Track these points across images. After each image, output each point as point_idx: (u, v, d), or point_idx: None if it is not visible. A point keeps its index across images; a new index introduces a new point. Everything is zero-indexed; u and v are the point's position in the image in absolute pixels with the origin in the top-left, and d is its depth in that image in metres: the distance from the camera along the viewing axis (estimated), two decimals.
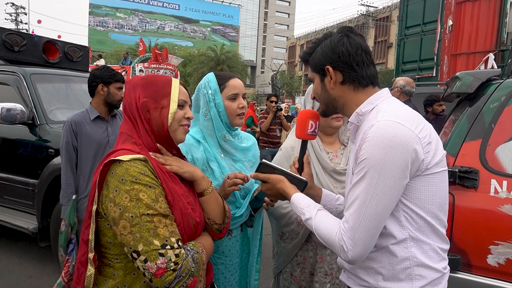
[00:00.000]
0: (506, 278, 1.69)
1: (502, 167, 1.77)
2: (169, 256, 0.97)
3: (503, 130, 1.82)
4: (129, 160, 1.02)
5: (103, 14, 51.38)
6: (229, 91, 1.54)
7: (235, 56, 35.87)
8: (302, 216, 1.18)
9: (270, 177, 1.28)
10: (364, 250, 1.04)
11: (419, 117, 1.08)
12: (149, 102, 1.11)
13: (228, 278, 1.58)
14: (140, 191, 0.99)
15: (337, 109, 1.21)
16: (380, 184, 1.00)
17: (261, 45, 63.51)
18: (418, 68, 9.46)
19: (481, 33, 6.92)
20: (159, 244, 0.97)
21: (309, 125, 1.31)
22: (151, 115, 1.11)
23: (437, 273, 1.09)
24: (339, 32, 1.15)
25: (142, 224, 0.97)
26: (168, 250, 0.97)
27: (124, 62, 14.56)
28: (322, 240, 1.12)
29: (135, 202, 0.98)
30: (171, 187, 1.08)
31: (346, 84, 1.14)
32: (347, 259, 1.05)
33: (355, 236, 1.02)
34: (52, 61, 4.37)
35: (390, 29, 34.80)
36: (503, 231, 1.69)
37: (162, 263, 0.96)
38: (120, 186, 0.99)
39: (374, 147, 1.00)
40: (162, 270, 0.96)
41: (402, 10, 10.15)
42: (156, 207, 1.00)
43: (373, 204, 1.01)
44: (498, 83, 1.95)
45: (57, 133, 3.28)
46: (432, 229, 1.08)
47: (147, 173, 1.02)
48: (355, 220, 1.03)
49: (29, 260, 3.56)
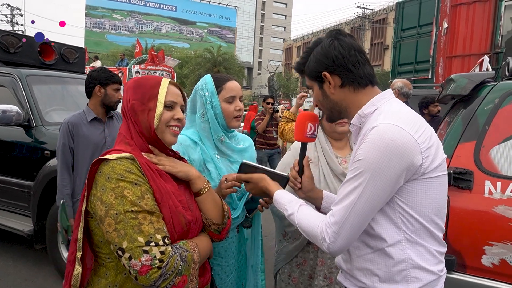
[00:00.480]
0: (500, 278, 1.71)
1: (496, 169, 1.79)
2: (154, 253, 0.96)
3: (497, 132, 1.84)
4: (116, 159, 1.03)
5: (100, 16, 51.24)
6: (226, 94, 1.55)
7: (232, 58, 35.88)
8: (285, 212, 1.20)
9: (252, 177, 1.31)
10: (345, 245, 1.06)
11: (421, 120, 1.08)
12: (136, 104, 1.12)
13: (224, 280, 1.59)
14: (125, 188, 0.99)
15: (341, 113, 1.20)
16: (372, 186, 1.01)
17: (258, 46, 63.60)
18: (414, 70, 9.51)
19: (476, 36, 6.98)
20: (143, 241, 0.96)
21: (308, 128, 1.30)
22: (139, 117, 1.12)
23: (433, 275, 1.09)
24: (328, 36, 1.15)
25: (127, 221, 0.97)
26: (152, 247, 0.96)
27: (121, 63, 14.53)
28: (304, 233, 1.14)
29: (119, 199, 0.98)
30: (160, 185, 1.08)
31: (345, 87, 1.14)
32: (328, 250, 1.08)
33: (339, 231, 1.05)
34: (48, 62, 4.35)
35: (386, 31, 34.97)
36: (497, 232, 1.70)
37: (147, 260, 0.95)
38: (106, 184, 1.00)
39: (371, 149, 1.00)
40: (146, 268, 0.95)
41: (398, 13, 10.21)
42: (141, 204, 0.99)
43: (361, 203, 1.03)
44: (492, 85, 1.97)
45: (53, 135, 3.26)
46: (428, 232, 1.08)
47: (133, 171, 1.03)
48: (342, 215, 1.05)
49: (25, 263, 3.54)
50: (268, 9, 65.00)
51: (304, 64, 1.19)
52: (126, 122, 1.14)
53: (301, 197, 1.34)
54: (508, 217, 1.69)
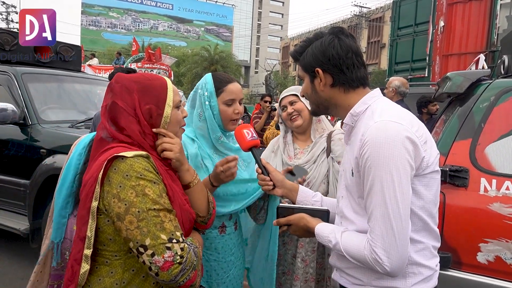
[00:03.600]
0: (496, 275, 1.72)
1: (491, 166, 1.80)
2: (176, 250, 0.99)
3: (492, 130, 1.85)
4: (133, 157, 1.03)
5: (96, 14, 50.95)
6: (226, 96, 1.54)
7: (229, 56, 35.78)
8: (329, 244, 1.13)
9: (290, 219, 1.25)
10: (400, 257, 0.99)
11: (413, 117, 1.09)
12: (152, 109, 1.12)
13: (221, 276, 1.59)
14: (146, 187, 1.01)
15: (329, 110, 1.21)
16: (391, 181, 0.98)
17: (255, 45, 63.52)
18: (410, 68, 9.56)
19: (472, 34, 7.02)
20: (166, 238, 0.99)
21: (245, 134, 1.43)
22: (154, 121, 1.13)
23: (430, 270, 1.10)
24: (330, 33, 1.15)
25: (149, 218, 0.99)
26: (174, 244, 1.00)
27: (117, 61, 14.47)
28: (355, 260, 1.07)
29: (141, 197, 1.00)
30: (171, 184, 1.11)
31: (336, 87, 1.14)
32: (386, 271, 1.00)
33: (386, 244, 0.98)
34: (44, 60, 4.32)
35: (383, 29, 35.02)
36: (493, 229, 1.72)
37: (169, 257, 0.98)
38: (124, 181, 1.01)
39: (376, 148, 1.00)
40: (169, 264, 0.98)
41: (394, 11, 10.25)
42: (162, 202, 1.02)
43: (394, 204, 0.98)
44: (488, 83, 1.98)
45: (49, 133, 3.25)
46: (428, 229, 1.10)
47: (151, 170, 1.04)
48: (381, 226, 0.99)
49: (21, 262, 3.52)
50: (265, 7, 64.91)
51: (301, 54, 1.19)
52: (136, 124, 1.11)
53: (279, 194, 1.39)
54: (503, 215, 1.70)
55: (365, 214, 1.07)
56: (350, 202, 1.15)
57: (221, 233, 1.59)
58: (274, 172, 1.38)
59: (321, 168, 1.80)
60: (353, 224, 1.13)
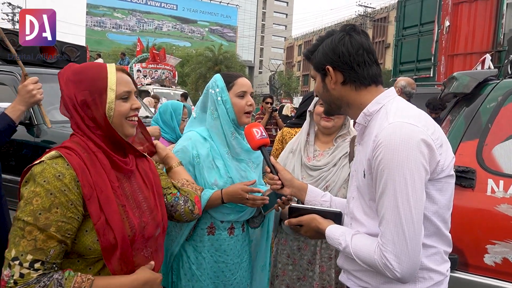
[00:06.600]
0: (503, 277, 1.70)
1: (499, 167, 1.78)
2: (14, 272, 0.91)
3: (500, 130, 1.83)
4: (50, 159, 1.00)
5: (101, 14, 51.21)
6: (238, 89, 1.57)
7: (233, 57, 35.84)
8: (339, 246, 1.11)
9: (302, 219, 1.23)
10: (411, 263, 0.96)
11: (429, 119, 1.06)
12: (87, 99, 1.04)
13: (229, 277, 1.60)
14: (37, 196, 0.94)
15: (341, 109, 1.18)
16: (404, 185, 0.95)
17: (259, 45, 63.51)
18: (415, 68, 9.50)
19: (478, 34, 6.96)
20: (12, 255, 0.92)
21: (255, 132, 1.43)
22: (94, 111, 1.05)
23: (440, 275, 1.08)
24: (342, 30, 1.13)
25: (15, 228, 0.94)
26: (16, 265, 0.91)
27: (122, 62, 14.53)
28: (365, 264, 1.05)
29: (25, 205, 0.95)
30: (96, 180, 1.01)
31: (347, 85, 1.12)
32: (396, 277, 0.97)
33: (396, 250, 0.95)
34: (50, 60, 4.35)
35: (388, 29, 34.90)
36: (500, 231, 1.70)
37: (6, 276, 0.91)
38: (30, 184, 0.98)
39: (390, 151, 0.97)
40: (3, 283, 0.92)
41: (399, 11, 10.20)
42: (38, 217, 0.92)
43: (406, 209, 0.95)
44: (495, 83, 1.97)
45: (54, 133, 3.26)
46: (440, 234, 1.08)
47: (62, 177, 0.96)
48: (393, 230, 0.96)
49: None
50: (269, 7, 64.90)
51: (312, 52, 1.18)
52: (76, 117, 1.06)
53: (287, 193, 1.37)
54: (511, 216, 1.68)
55: (375, 216, 1.05)
56: (360, 204, 1.13)
57: (230, 235, 1.60)
58: (283, 171, 1.36)
59: (342, 172, 1.77)
60: (363, 226, 1.11)
